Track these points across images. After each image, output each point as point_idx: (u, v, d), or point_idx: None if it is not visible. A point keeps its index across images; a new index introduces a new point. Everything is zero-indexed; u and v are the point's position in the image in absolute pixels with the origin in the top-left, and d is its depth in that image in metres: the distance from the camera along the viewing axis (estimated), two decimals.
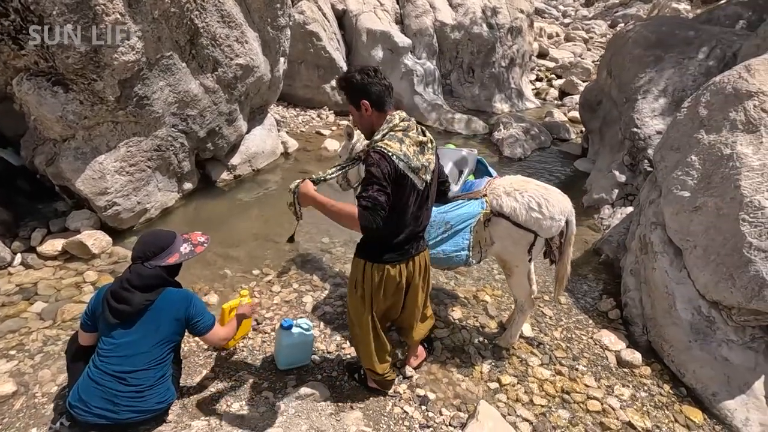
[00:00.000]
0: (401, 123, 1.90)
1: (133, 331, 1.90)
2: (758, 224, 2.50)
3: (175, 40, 3.69)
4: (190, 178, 4.49)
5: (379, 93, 1.88)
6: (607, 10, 20.17)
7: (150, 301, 1.92)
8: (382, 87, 1.90)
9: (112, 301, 1.89)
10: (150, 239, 2.04)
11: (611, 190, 4.64)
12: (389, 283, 2.06)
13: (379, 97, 1.89)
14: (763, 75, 2.85)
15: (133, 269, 1.96)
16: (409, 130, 1.91)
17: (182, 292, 2.06)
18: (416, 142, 1.90)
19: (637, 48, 5.12)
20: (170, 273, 2.06)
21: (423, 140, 1.93)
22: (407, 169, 1.82)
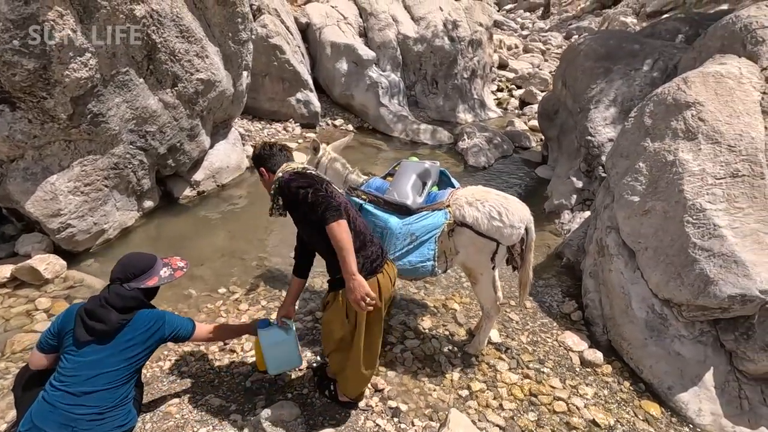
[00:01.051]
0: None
1: (102, 350, 1.88)
2: (700, 225, 2.68)
3: (132, 55, 3.60)
4: (150, 195, 4.35)
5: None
6: (562, 22, 21.17)
7: (126, 320, 1.93)
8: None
9: (88, 319, 1.88)
10: (131, 261, 2.06)
11: (570, 195, 4.85)
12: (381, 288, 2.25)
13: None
14: (699, 87, 3.08)
15: (112, 289, 1.96)
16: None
17: (156, 311, 2.08)
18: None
19: (588, 60, 5.40)
20: (148, 296, 2.10)
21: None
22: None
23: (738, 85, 3.05)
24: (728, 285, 2.49)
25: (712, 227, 2.64)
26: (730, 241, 2.57)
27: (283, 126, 7.33)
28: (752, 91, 3.05)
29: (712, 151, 2.83)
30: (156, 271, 2.09)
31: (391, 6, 8.68)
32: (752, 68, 3.21)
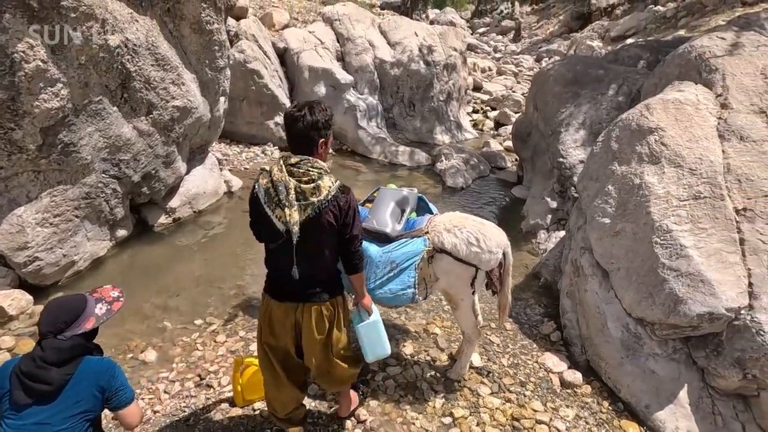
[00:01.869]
0: (285, 165, 1.90)
1: (47, 409, 1.66)
2: (668, 246, 2.79)
3: (105, 84, 3.56)
4: (124, 224, 4.25)
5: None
6: (533, 45, 22.06)
7: (69, 374, 1.69)
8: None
9: (26, 381, 1.64)
10: (58, 310, 1.78)
11: (545, 215, 4.97)
12: (273, 318, 2.07)
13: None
14: (660, 113, 3.24)
15: (46, 345, 1.70)
16: (293, 173, 1.87)
17: (104, 360, 1.84)
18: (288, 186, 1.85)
19: (557, 85, 5.63)
20: (88, 338, 1.84)
21: (300, 189, 1.86)
22: (266, 206, 1.90)
23: (696, 111, 3.23)
24: (696, 304, 2.58)
25: (678, 247, 2.75)
26: (696, 260, 2.68)
27: (261, 149, 7.32)
28: (709, 116, 3.23)
29: (675, 174, 2.97)
30: (90, 311, 1.82)
31: (367, 31, 8.89)
32: (708, 95, 3.41)
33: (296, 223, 1.85)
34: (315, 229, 1.90)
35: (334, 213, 1.91)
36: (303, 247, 1.92)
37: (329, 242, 1.99)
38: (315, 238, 1.93)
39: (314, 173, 1.87)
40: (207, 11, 4.41)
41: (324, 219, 1.89)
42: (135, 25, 3.66)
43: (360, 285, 2.23)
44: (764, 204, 2.76)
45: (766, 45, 3.71)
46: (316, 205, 1.86)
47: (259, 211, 1.92)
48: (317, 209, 1.87)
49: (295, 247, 1.91)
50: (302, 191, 1.85)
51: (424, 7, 21.83)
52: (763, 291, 2.56)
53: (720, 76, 3.45)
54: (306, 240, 1.91)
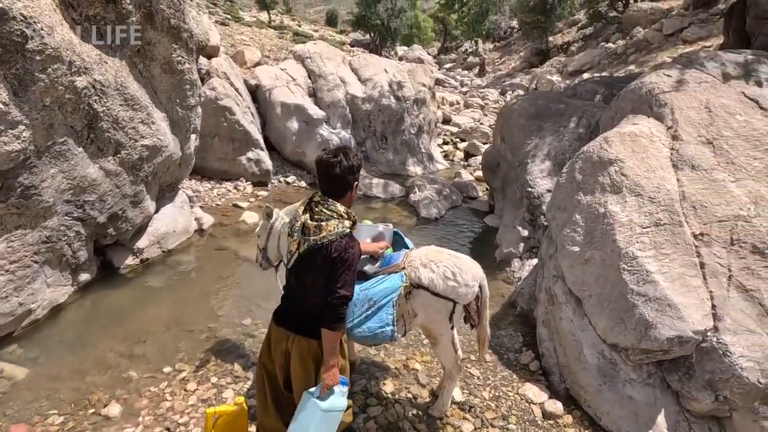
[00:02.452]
0: (308, 202, 2.11)
1: None
2: (635, 272, 2.89)
3: (71, 125, 3.48)
4: (87, 268, 4.05)
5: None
6: (497, 79, 23.20)
7: None
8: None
9: None
10: None
11: (517, 244, 5.08)
12: (272, 339, 2.17)
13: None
14: (618, 145, 3.44)
15: None
16: (310, 209, 2.06)
17: None
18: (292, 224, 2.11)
19: (522, 119, 5.90)
20: None
21: (297, 223, 2.06)
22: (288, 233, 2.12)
23: (650, 143, 3.45)
24: (665, 328, 2.66)
25: (645, 273, 2.86)
26: (662, 285, 2.78)
27: (233, 185, 7.24)
28: (662, 147, 3.45)
29: (636, 202, 3.12)
30: None
31: (338, 68, 9.13)
32: (660, 127, 3.65)
33: (292, 253, 2.04)
34: (308, 265, 2.01)
35: (325, 256, 1.95)
36: (297, 278, 2.07)
37: (321, 283, 1.99)
38: (307, 275, 2.02)
39: (325, 214, 1.98)
40: (178, 52, 4.44)
41: (316, 260, 1.97)
42: (104, 66, 3.63)
43: (330, 348, 1.97)
44: (719, 229, 2.92)
45: (706, 81, 4.03)
46: (311, 242, 1.96)
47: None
48: (311, 248, 1.97)
49: (292, 275, 2.09)
50: (307, 227, 1.99)
51: (393, 45, 22.72)
52: (725, 312, 2.67)
53: (669, 110, 3.71)
54: (300, 273, 2.05)
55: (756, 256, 2.78)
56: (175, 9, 4.19)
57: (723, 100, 3.68)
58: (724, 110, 3.59)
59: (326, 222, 1.96)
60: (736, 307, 2.68)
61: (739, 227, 2.89)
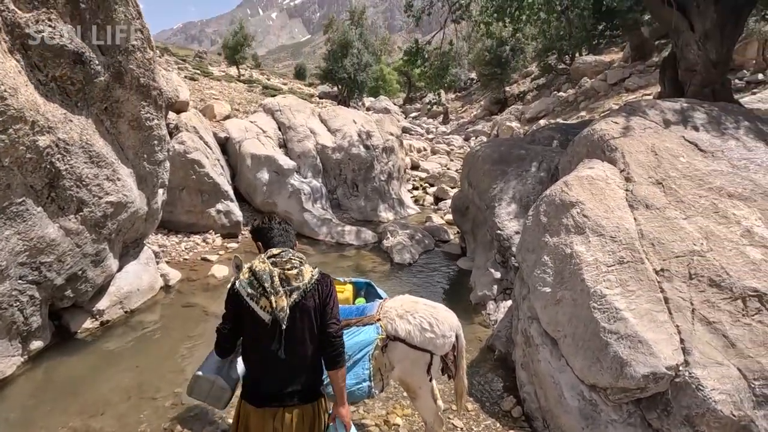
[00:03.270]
0: (267, 258, 2.00)
1: None
2: (605, 310, 2.97)
3: (30, 185, 3.37)
4: (40, 334, 3.77)
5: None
6: (460, 126, 24.35)
7: None
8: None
9: None
10: None
11: (491, 286, 5.14)
12: (250, 426, 1.95)
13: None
14: (577, 188, 3.63)
15: None
16: (276, 263, 1.97)
17: None
18: (273, 275, 1.92)
19: (486, 164, 6.17)
20: None
21: (285, 275, 1.94)
22: (249, 299, 1.90)
23: (606, 185, 3.66)
24: (640, 365, 2.70)
25: (614, 311, 2.93)
26: (632, 322, 2.86)
27: (202, 238, 7.07)
28: (618, 189, 3.67)
29: (599, 242, 3.26)
30: None
31: (308, 120, 9.37)
32: (614, 170, 3.90)
33: (283, 309, 1.88)
34: (300, 314, 1.93)
35: (316, 298, 1.98)
36: (290, 333, 1.91)
37: (311, 328, 1.98)
38: (299, 324, 1.93)
39: (296, 261, 1.99)
40: (147, 109, 4.46)
41: (309, 303, 1.95)
42: (69, 125, 3.59)
43: (341, 385, 2.00)
44: (677, 264, 3.07)
45: (650, 127, 4.39)
46: (301, 289, 1.93)
47: (242, 305, 1.91)
48: (303, 293, 1.93)
49: (284, 333, 1.89)
50: (286, 278, 1.93)
51: (360, 96, 23.65)
52: (693, 346, 2.75)
53: (620, 154, 3.99)
54: (292, 325, 1.92)
55: (714, 289, 2.92)
56: (144, 68, 4.26)
57: (666, 144, 4.00)
58: (669, 153, 3.89)
59: (303, 267, 1.99)
60: (703, 340, 2.77)
61: (695, 262, 3.05)
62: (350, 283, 3.08)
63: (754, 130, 4.33)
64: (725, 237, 3.15)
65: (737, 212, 3.32)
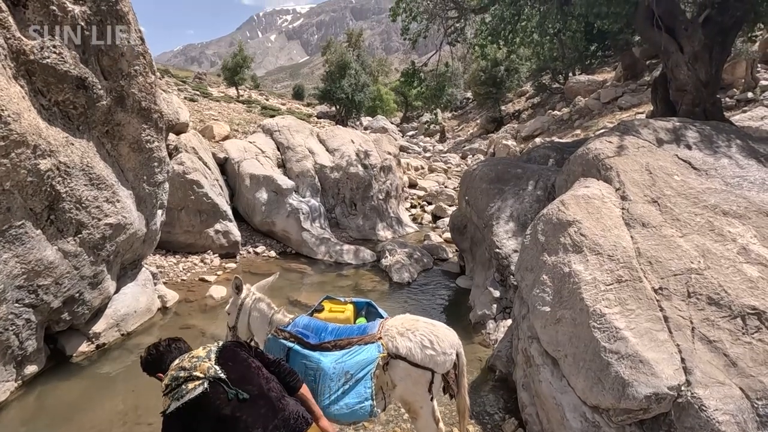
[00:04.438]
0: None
1: None
2: (605, 329, 2.96)
3: (30, 208, 3.38)
4: (35, 358, 3.72)
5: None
6: (457, 145, 24.60)
7: None
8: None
9: None
10: None
11: (490, 305, 5.12)
12: None
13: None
14: (574, 207, 3.67)
15: None
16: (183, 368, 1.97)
17: None
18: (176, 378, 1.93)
19: (484, 183, 6.23)
20: None
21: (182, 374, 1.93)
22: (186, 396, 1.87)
23: (603, 204, 3.70)
24: (642, 385, 2.68)
25: (614, 330, 2.92)
26: (632, 341, 2.85)
27: (200, 258, 7.05)
28: (614, 207, 3.70)
29: (597, 261, 3.27)
30: None
31: (307, 140, 9.47)
32: (609, 189, 3.95)
33: (212, 368, 1.93)
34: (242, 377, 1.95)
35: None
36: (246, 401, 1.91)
37: (263, 377, 2.01)
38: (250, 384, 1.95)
39: (194, 359, 1.99)
40: (147, 131, 4.51)
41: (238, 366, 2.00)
42: (70, 148, 3.63)
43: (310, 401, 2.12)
44: (675, 282, 3.09)
45: (643, 146, 4.47)
46: (212, 366, 1.94)
47: (186, 413, 1.85)
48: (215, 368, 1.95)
49: (236, 407, 1.86)
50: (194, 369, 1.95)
51: (358, 116, 23.97)
52: (695, 365, 2.74)
53: (615, 173, 4.04)
54: (244, 394, 1.91)
55: (713, 307, 2.92)
56: (146, 92, 4.33)
57: (660, 163, 4.07)
58: (663, 171, 3.95)
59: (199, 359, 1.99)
60: (704, 359, 2.76)
61: (693, 280, 3.06)
62: (351, 303, 3.08)
63: (745, 148, 4.41)
64: (722, 255, 3.17)
65: (732, 230, 3.36)
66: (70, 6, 3.51)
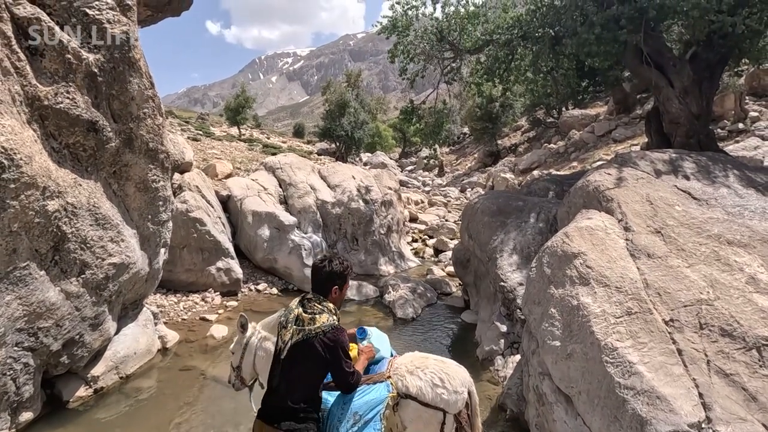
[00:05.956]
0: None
1: None
2: (618, 364, 2.89)
3: (35, 249, 3.38)
4: (30, 405, 3.60)
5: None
6: (456, 179, 24.89)
7: None
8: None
9: None
10: None
11: (498, 340, 5.01)
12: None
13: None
14: (578, 239, 3.67)
15: None
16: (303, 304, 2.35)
17: None
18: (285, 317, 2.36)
19: (485, 216, 6.26)
20: None
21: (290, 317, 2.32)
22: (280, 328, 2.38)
23: (606, 236, 3.71)
24: (661, 423, 2.59)
25: (627, 365, 2.86)
26: (647, 376, 2.77)
27: (201, 296, 6.97)
28: (618, 239, 3.71)
29: (605, 293, 3.25)
30: None
31: (308, 177, 9.60)
32: (612, 220, 3.97)
33: (287, 341, 2.24)
34: (302, 353, 2.21)
35: (322, 344, 2.21)
36: (288, 366, 2.23)
37: (312, 371, 2.25)
38: (300, 362, 2.22)
39: (318, 308, 2.29)
40: (154, 171, 4.58)
41: (313, 347, 2.20)
42: (78, 189, 3.68)
43: (360, 367, 2.47)
44: (686, 314, 3.05)
45: (642, 177, 4.53)
46: (306, 331, 2.22)
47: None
48: (307, 335, 2.21)
49: (281, 363, 2.24)
50: (302, 319, 2.26)
51: (357, 152, 24.40)
52: (713, 401, 2.66)
53: (616, 205, 4.08)
54: (292, 361, 2.22)
55: (726, 338, 2.87)
56: (154, 134, 4.44)
57: (660, 193, 4.11)
58: (664, 202, 3.99)
59: (319, 315, 2.26)
60: (722, 394, 2.68)
61: (704, 311, 3.03)
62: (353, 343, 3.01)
63: (743, 177, 4.47)
64: (730, 285, 3.15)
65: (739, 259, 3.35)
66: (84, 54, 3.66)
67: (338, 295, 2.46)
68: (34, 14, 3.36)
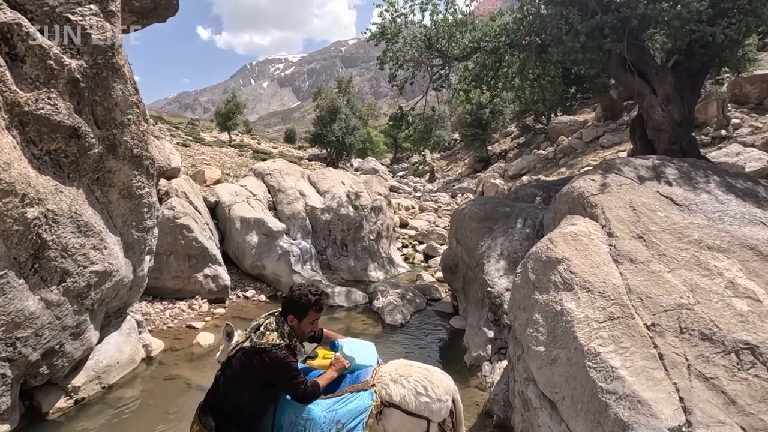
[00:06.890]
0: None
1: None
2: (600, 369, 2.91)
3: (14, 257, 3.32)
4: (7, 417, 3.51)
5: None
6: (446, 184, 25.01)
7: None
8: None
9: None
10: None
11: (485, 346, 5.02)
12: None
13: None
14: (562, 245, 3.71)
15: None
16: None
17: None
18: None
19: (473, 222, 6.29)
20: None
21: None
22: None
23: (590, 241, 3.75)
24: (642, 427, 2.61)
25: (610, 369, 2.88)
26: (629, 381, 2.79)
27: (188, 304, 6.89)
28: (601, 244, 3.75)
29: (588, 298, 3.27)
30: None
31: (298, 183, 9.57)
32: (596, 226, 4.01)
33: (239, 344, 2.55)
34: (242, 360, 2.44)
35: (261, 362, 2.38)
36: (230, 367, 2.49)
37: (244, 379, 2.41)
38: (238, 367, 2.44)
39: (272, 326, 2.49)
40: (138, 178, 4.54)
41: (251, 360, 2.41)
42: (59, 196, 3.62)
43: (325, 378, 2.56)
44: (667, 318, 3.08)
45: (626, 183, 4.59)
46: (254, 343, 2.43)
47: None
48: (252, 346, 2.43)
49: (228, 361, 2.53)
50: (259, 330, 2.50)
51: (348, 158, 24.43)
52: (694, 404, 2.68)
53: (600, 210, 4.13)
54: (234, 363, 2.47)
55: (706, 343, 2.91)
56: (138, 140, 4.39)
57: (643, 199, 4.17)
58: (646, 208, 4.04)
59: (270, 333, 2.45)
60: (702, 398, 2.71)
61: (684, 315, 3.06)
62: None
63: (723, 183, 4.56)
64: (710, 289, 3.20)
65: (718, 264, 3.40)
66: (66, 60, 3.63)
67: (295, 324, 2.54)
68: (14, 19, 3.32)
